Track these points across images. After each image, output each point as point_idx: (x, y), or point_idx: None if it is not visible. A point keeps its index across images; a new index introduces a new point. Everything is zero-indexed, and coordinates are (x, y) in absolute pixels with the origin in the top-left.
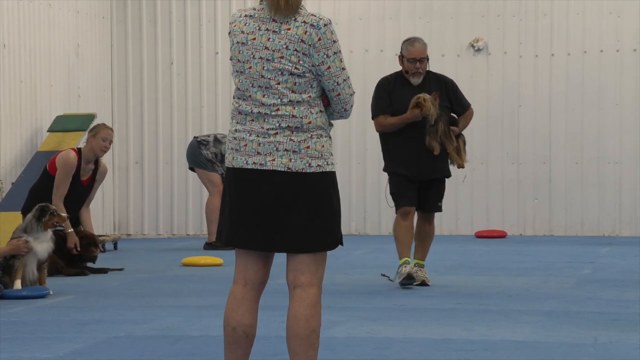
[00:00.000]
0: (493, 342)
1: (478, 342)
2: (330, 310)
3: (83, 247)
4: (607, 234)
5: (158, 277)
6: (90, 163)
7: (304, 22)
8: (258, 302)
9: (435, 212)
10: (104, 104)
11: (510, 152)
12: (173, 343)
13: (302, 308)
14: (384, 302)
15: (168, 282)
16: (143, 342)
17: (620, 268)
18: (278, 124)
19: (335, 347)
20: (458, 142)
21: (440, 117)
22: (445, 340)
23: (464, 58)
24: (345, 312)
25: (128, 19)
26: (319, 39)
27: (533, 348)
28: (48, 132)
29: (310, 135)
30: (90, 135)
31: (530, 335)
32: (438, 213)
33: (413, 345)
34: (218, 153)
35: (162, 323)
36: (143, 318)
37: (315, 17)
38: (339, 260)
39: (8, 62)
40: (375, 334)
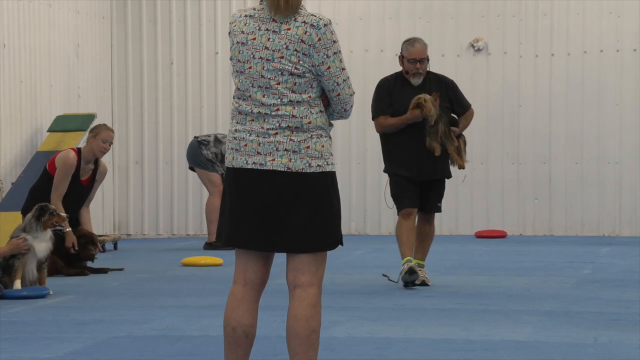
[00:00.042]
0: (493, 342)
1: (478, 342)
2: (330, 310)
3: (81, 245)
4: (607, 234)
5: (158, 277)
6: (90, 163)
7: (304, 22)
8: (258, 302)
9: (435, 212)
10: (104, 104)
11: (510, 152)
12: (173, 343)
13: (302, 308)
14: (384, 302)
15: (168, 282)
16: (143, 342)
17: (620, 268)
18: (278, 124)
19: (335, 347)
20: (458, 142)
21: (441, 117)
22: (445, 340)
23: (464, 58)
24: (345, 312)
25: (128, 19)
26: (319, 39)
27: (533, 348)
28: (48, 132)
29: (310, 135)
30: (91, 136)
31: (530, 335)
32: (438, 213)
33: (413, 345)
34: (218, 153)
35: (162, 323)
36: (143, 318)
37: (315, 17)
38: (339, 260)
39: (8, 62)
40: (375, 334)
